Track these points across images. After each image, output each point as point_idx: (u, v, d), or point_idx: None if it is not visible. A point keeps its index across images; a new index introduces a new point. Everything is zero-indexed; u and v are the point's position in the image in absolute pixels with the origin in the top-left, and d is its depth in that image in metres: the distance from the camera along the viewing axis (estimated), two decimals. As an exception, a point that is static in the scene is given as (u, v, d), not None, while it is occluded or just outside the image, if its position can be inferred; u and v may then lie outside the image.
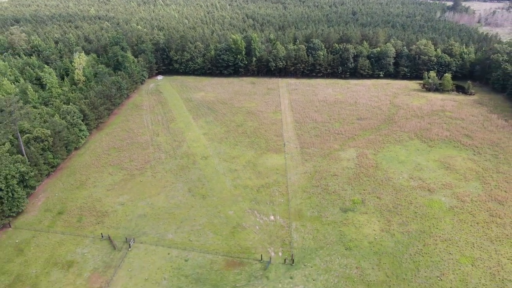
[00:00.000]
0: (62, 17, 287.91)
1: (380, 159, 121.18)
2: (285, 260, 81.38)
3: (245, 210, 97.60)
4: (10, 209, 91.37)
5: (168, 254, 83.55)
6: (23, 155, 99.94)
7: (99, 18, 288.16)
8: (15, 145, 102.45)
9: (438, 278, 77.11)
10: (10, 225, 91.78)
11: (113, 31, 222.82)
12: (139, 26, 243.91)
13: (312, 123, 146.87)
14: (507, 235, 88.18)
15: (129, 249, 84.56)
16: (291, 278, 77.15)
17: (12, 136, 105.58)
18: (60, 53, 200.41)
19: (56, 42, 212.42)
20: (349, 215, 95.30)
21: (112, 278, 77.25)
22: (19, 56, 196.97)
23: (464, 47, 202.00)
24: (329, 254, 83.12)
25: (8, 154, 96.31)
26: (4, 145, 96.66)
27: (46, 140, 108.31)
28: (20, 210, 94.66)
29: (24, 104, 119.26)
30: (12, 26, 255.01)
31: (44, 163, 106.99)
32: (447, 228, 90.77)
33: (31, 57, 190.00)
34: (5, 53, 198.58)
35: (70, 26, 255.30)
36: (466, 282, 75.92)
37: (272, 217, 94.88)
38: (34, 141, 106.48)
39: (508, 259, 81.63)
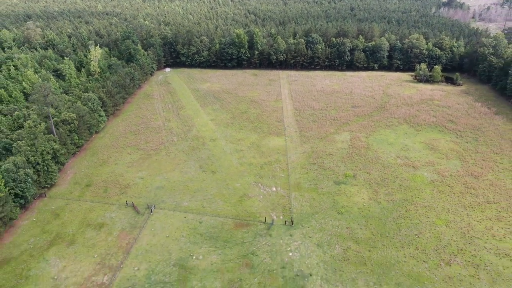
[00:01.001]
0: (71, 13, 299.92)
1: (371, 141, 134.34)
2: (285, 222, 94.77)
3: (250, 183, 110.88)
4: (45, 181, 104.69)
5: (185, 217, 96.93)
6: (54, 135, 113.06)
7: (106, 14, 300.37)
8: (47, 126, 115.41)
9: (416, 236, 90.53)
10: (45, 195, 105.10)
11: (123, 26, 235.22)
12: (146, 22, 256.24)
13: (310, 110, 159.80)
14: (479, 203, 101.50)
15: (151, 213, 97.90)
16: (290, 235, 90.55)
17: (45, 117, 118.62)
18: (73, 47, 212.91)
19: (69, 37, 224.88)
20: (341, 187, 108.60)
21: (138, 236, 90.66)
22: (36, 49, 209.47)
23: (454, 41, 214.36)
24: (323, 217, 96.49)
25: (42, 133, 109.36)
26: (40, 124, 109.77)
27: (72, 123, 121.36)
28: (53, 183, 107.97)
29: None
30: (24, 21, 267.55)
31: (71, 143, 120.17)
32: (427, 197, 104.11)
33: (47, 50, 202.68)
34: (22, 47, 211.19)
35: (80, 22, 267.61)
36: (440, 239, 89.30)
37: (274, 189, 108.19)
38: (62, 123, 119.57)
39: (477, 221, 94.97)
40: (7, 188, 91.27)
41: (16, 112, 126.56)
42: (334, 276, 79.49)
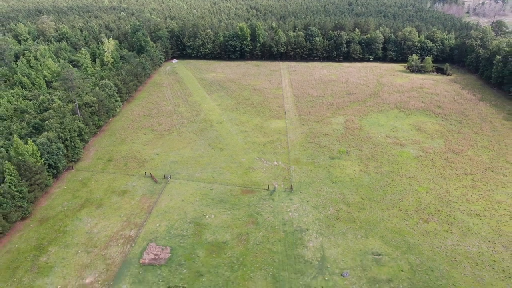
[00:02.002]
0: (79, 8, 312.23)
1: (364, 123, 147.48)
2: (285, 189, 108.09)
3: (254, 158, 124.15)
4: (72, 155, 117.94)
5: (197, 186, 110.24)
6: (79, 115, 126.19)
7: (113, 9, 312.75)
8: (73, 107, 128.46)
9: (400, 200, 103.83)
10: (73, 168, 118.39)
11: (132, 20, 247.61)
12: (153, 16, 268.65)
13: (309, 97, 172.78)
14: (457, 174, 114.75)
15: (167, 182, 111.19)
16: (290, 199, 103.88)
17: (68, 102, 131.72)
18: (85, 39, 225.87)
19: (81, 30, 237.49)
20: (336, 161, 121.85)
21: (157, 200, 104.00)
22: (50, 42, 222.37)
23: (445, 34, 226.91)
24: (319, 186, 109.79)
25: (69, 114, 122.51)
26: (68, 104, 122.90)
27: (93, 106, 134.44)
28: (78, 158, 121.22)
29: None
30: (36, 16, 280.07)
31: (92, 124, 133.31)
32: (412, 170, 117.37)
33: (60, 43, 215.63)
34: (37, 40, 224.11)
35: (90, 16, 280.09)
36: (420, 203, 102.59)
37: (275, 162, 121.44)
38: (84, 106, 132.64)
39: (454, 189, 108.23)
40: (43, 159, 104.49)
41: (41, 97, 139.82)
42: (327, 230, 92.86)
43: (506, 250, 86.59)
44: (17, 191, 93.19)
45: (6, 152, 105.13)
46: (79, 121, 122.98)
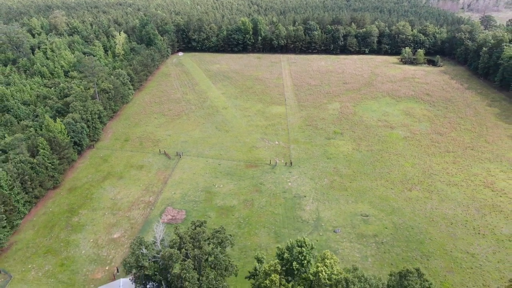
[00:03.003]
0: (87, 3, 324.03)
1: (357, 109, 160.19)
2: (285, 163, 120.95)
3: (257, 138, 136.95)
4: (93, 135, 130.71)
5: (206, 161, 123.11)
6: (98, 100, 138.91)
7: (120, 5, 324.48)
8: (93, 92, 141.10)
9: (387, 173, 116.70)
10: (94, 146, 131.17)
11: (140, 15, 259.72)
12: (158, 11, 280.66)
13: (307, 86, 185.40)
14: (440, 152, 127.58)
15: (180, 158, 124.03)
16: (290, 172, 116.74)
17: (86, 89, 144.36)
18: (95, 33, 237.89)
19: (91, 25, 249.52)
20: (331, 141, 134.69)
21: (171, 173, 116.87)
22: (62, 35, 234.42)
23: (437, 28, 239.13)
24: (315, 161, 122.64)
25: (90, 98, 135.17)
26: (89, 89, 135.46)
27: (110, 92, 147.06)
28: (98, 138, 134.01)
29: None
30: (45, 12, 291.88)
31: (109, 108, 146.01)
32: (399, 148, 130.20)
33: (72, 36, 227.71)
34: (50, 34, 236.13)
35: (98, 12, 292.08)
36: (405, 175, 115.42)
37: (276, 142, 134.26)
38: (102, 92, 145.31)
39: (437, 164, 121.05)
40: (69, 137, 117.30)
41: (61, 84, 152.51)
42: (322, 197, 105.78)
43: (478, 212, 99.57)
44: (49, 163, 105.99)
45: (35, 131, 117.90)
46: (99, 105, 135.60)
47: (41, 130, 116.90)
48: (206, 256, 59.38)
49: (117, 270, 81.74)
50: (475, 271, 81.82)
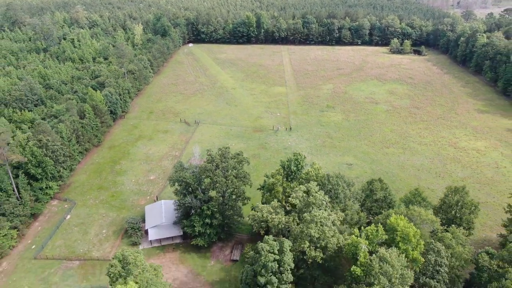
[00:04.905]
0: (101, 0, 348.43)
1: (348, 89, 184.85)
2: (286, 129, 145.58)
3: (262, 111, 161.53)
4: (124, 107, 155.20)
5: (220, 127, 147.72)
6: (126, 78, 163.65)
7: (131, 1, 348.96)
8: (122, 72, 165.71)
9: (370, 135, 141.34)
10: (124, 116, 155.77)
11: (153, 9, 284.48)
12: (169, 6, 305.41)
13: (305, 71, 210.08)
14: (416, 121, 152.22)
15: (197, 125, 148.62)
16: (289, 135, 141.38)
17: (113, 71, 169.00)
18: (112, 26, 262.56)
19: (109, 19, 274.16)
20: (324, 113, 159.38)
21: (191, 136, 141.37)
22: (83, 28, 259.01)
23: (423, 21, 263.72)
24: (311, 127, 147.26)
25: (120, 76, 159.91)
26: (121, 68, 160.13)
27: (135, 73, 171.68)
28: (127, 110, 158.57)
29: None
30: (63, 8, 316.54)
31: (135, 87, 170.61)
32: (382, 118, 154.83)
33: (92, 29, 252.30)
34: (72, 26, 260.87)
35: (113, 7, 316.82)
36: (385, 137, 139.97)
37: (278, 114, 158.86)
38: (129, 72, 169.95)
39: (412, 129, 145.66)
40: (107, 106, 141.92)
41: (92, 67, 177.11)
42: (316, 152, 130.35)
43: (440, 163, 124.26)
44: (94, 124, 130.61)
45: (77, 103, 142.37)
46: (128, 82, 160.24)
47: (83, 102, 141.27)
48: (231, 169, 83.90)
49: (157, 198, 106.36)
50: (432, 200, 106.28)
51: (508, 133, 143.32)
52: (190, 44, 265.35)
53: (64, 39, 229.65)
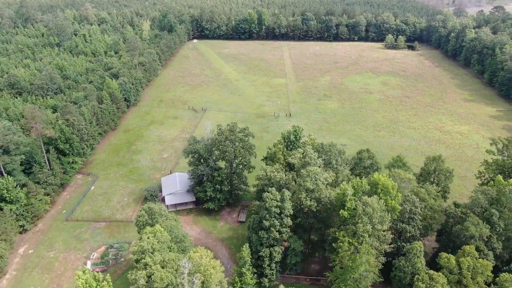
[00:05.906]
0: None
1: (344, 80, 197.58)
2: (286, 115, 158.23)
3: (263, 100, 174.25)
4: (136, 96, 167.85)
5: (225, 114, 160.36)
6: (137, 69, 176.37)
7: None
8: (134, 63, 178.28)
9: (363, 121, 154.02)
10: (136, 104, 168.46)
11: (158, 7, 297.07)
12: (173, 4, 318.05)
13: (304, 64, 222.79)
14: (406, 108, 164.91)
15: (204, 112, 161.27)
16: (289, 120, 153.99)
17: (123, 63, 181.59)
18: (120, 23, 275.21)
19: (117, 16, 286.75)
20: (321, 101, 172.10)
21: (200, 121, 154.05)
22: (92, 24, 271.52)
23: (417, 18, 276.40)
24: (309, 114, 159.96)
25: (132, 68, 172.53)
26: (133, 60, 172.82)
27: (145, 65, 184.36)
28: (139, 99, 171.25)
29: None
30: (72, 6, 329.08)
31: (145, 78, 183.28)
32: (375, 106, 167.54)
33: (102, 25, 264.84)
34: (82, 23, 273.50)
35: (120, 5, 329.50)
36: (377, 122, 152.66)
37: (279, 102, 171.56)
38: (139, 64, 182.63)
39: (402, 116, 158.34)
40: (121, 93, 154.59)
41: (104, 60, 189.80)
42: (313, 135, 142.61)
43: (426, 144, 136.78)
44: (111, 110, 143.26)
45: (93, 91, 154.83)
46: (139, 73, 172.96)
47: (99, 90, 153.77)
48: (238, 141, 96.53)
49: (170, 172, 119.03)
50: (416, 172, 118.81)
51: (490, 118, 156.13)
52: (195, 40, 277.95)
53: (75, 35, 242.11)
